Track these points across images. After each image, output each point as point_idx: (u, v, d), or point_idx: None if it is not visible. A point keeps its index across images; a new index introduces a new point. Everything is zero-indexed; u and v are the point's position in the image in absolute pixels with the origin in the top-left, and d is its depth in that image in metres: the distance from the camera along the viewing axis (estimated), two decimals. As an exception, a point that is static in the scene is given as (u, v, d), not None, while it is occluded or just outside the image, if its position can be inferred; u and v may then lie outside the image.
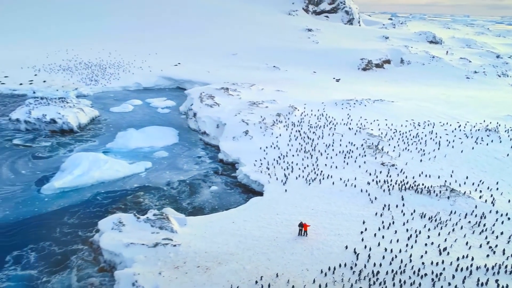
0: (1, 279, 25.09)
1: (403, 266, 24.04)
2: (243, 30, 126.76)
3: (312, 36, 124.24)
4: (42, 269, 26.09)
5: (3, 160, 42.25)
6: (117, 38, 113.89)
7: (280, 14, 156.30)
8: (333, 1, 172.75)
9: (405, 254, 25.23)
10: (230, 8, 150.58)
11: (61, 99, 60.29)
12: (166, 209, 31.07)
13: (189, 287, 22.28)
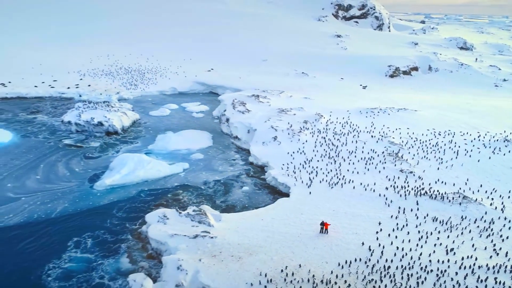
0: (64, 260, 29.72)
1: (412, 262, 27.27)
2: (273, 36, 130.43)
3: (341, 42, 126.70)
4: (98, 253, 30.64)
5: (58, 159, 47.62)
6: (153, 43, 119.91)
7: (310, 20, 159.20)
8: (363, 7, 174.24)
9: (415, 253, 28.40)
10: (261, 15, 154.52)
11: (106, 103, 65.93)
12: (203, 206, 35.31)
13: (224, 272, 26.31)
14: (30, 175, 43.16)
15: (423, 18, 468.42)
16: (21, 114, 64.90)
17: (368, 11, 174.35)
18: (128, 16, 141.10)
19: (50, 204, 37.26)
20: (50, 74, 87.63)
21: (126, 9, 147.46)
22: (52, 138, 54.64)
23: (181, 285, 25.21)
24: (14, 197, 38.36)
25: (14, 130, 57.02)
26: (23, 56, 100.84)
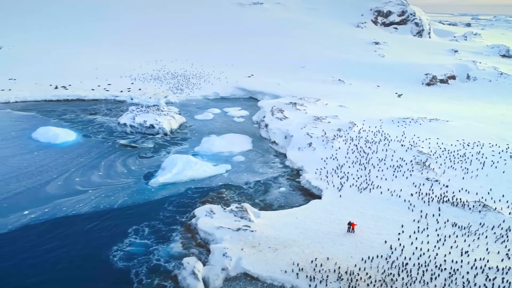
0: (126, 244, 35.11)
1: (428, 261, 30.85)
2: (312, 43, 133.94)
3: (379, 50, 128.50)
4: (153, 240, 35.94)
5: (116, 158, 53.82)
6: (197, 50, 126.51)
7: (348, 27, 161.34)
8: (402, 13, 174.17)
9: (432, 253, 31.92)
10: (302, 21, 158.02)
11: (156, 107, 72.28)
12: (244, 203, 40.09)
13: (262, 260, 30.95)
14: (94, 171, 49.44)
15: (470, 19, 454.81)
16: (81, 115, 72.29)
17: (408, 17, 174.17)
18: (175, 26, 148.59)
19: (112, 197, 43.16)
20: (105, 78, 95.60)
21: (174, 20, 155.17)
22: (110, 138, 61.19)
23: (226, 269, 30.08)
24: (82, 189, 44.58)
25: (77, 130, 64.10)
26: (81, 61, 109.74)
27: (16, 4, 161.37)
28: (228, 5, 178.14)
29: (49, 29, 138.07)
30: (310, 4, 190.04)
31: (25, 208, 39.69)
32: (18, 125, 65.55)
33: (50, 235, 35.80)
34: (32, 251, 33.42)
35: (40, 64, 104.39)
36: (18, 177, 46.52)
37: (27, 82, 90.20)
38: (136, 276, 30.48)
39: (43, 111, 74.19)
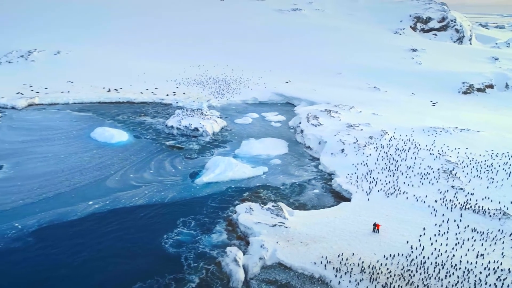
0: (175, 233, 40.22)
1: (445, 260, 34.19)
2: (349, 49, 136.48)
3: (416, 57, 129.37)
4: (199, 231, 40.93)
5: (165, 158, 59.54)
6: (238, 55, 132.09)
7: (386, 33, 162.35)
8: (443, 19, 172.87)
9: (449, 254, 35.18)
10: (340, 27, 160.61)
11: (199, 111, 78.07)
12: (280, 203, 44.54)
13: (295, 253, 35.31)
14: (145, 169, 55.34)
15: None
16: (132, 117, 79.06)
17: (448, 24, 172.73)
18: (217, 33, 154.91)
19: (162, 192, 48.71)
20: (152, 82, 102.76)
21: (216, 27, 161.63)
22: (158, 139, 67.20)
23: (263, 258, 34.67)
24: (136, 185, 50.47)
25: (129, 130, 70.62)
26: (131, 65, 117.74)
27: (73, 14, 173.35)
28: (268, 11, 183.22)
29: (101, 36, 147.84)
30: (349, 10, 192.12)
31: (90, 199, 45.90)
32: (78, 125, 72.93)
33: (111, 222, 41.63)
34: (97, 234, 39.30)
35: (93, 68, 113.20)
36: (82, 172, 53.13)
37: (83, 84, 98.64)
38: (185, 261, 35.60)
39: (98, 112, 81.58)
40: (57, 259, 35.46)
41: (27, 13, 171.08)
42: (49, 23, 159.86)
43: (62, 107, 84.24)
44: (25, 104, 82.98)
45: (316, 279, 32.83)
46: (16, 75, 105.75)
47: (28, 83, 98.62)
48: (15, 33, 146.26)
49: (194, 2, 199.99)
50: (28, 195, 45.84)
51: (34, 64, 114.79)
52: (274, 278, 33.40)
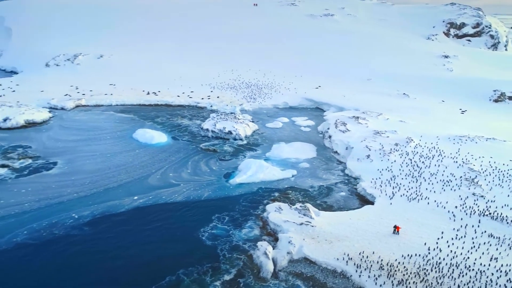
0: (211, 227, 44.33)
1: (459, 262, 36.90)
2: (380, 55, 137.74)
3: (448, 63, 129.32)
4: (232, 226, 44.93)
5: (200, 159, 64.04)
6: (270, 60, 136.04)
7: (418, 39, 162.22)
8: (477, 25, 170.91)
9: (464, 256, 37.83)
10: (371, 33, 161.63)
11: (232, 114, 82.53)
12: (307, 204, 48.07)
13: (319, 249, 38.86)
14: (183, 169, 60.01)
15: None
16: (170, 119, 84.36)
17: (483, 30, 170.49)
18: (248, 38, 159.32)
19: (199, 190, 53.16)
20: (188, 86, 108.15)
21: (247, 33, 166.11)
22: (194, 141, 71.91)
23: (290, 253, 38.42)
24: (175, 183, 55.15)
25: (167, 132, 75.76)
26: (168, 69, 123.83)
27: (115, 20, 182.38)
28: (300, 17, 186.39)
29: (140, 41, 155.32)
30: (381, 15, 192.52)
31: (135, 194, 50.91)
32: (121, 126, 78.75)
33: (154, 216, 46.37)
34: (143, 225, 44.09)
35: (133, 72, 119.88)
36: (126, 169, 58.41)
37: (124, 87, 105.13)
38: (220, 252, 39.77)
39: (139, 114, 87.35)
40: (109, 243, 40.55)
41: (73, 19, 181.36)
42: (93, 28, 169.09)
43: (106, 109, 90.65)
44: (73, 105, 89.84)
45: (338, 274, 36.30)
46: (64, 78, 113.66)
47: (74, 85, 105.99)
48: (62, 38, 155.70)
49: (228, 8, 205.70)
50: (81, 189, 51.39)
51: (79, 67, 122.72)
52: (300, 271, 37.09)
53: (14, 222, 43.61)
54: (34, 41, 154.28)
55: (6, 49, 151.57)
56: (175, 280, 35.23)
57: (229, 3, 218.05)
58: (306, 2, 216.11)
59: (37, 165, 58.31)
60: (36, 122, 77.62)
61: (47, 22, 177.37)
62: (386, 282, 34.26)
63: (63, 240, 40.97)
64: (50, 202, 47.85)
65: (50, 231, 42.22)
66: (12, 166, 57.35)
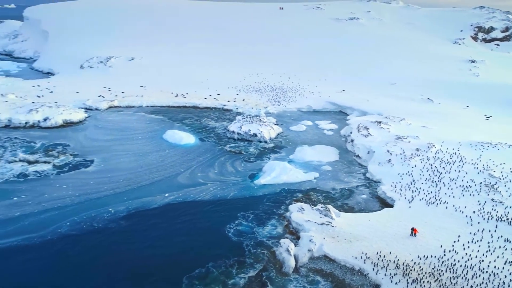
0: (236, 224, 47.07)
1: (474, 264, 38.51)
2: (405, 58, 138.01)
3: (474, 68, 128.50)
4: (256, 224, 47.56)
5: (226, 160, 66.99)
6: (294, 63, 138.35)
7: (445, 43, 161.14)
8: (506, 29, 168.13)
9: (479, 259, 39.39)
10: (397, 37, 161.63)
11: (257, 117, 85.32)
12: (328, 205, 50.32)
13: (339, 248, 41.14)
14: (210, 169, 63.14)
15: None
16: (197, 121, 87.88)
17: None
18: (273, 41, 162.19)
19: (225, 190, 56.13)
20: (215, 88, 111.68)
21: (272, 35, 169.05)
22: (220, 142, 75.02)
23: (311, 250, 40.86)
24: (203, 182, 58.32)
25: (195, 133, 79.19)
26: (195, 72, 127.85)
27: (146, 24, 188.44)
28: (325, 20, 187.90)
29: (169, 45, 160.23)
30: (407, 19, 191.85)
31: (165, 192, 54.30)
32: (151, 127, 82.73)
33: (184, 212, 49.57)
34: (174, 220, 47.35)
35: (162, 74, 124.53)
36: (157, 168, 62.00)
37: (154, 89, 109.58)
38: (246, 247, 42.54)
39: (168, 115, 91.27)
40: (143, 236, 44.03)
41: (106, 23, 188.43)
42: (125, 32, 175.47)
43: (137, 110, 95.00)
44: (106, 106, 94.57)
45: (356, 271, 38.52)
46: (97, 79, 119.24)
47: (107, 86, 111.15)
48: (95, 41, 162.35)
49: (255, 12, 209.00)
50: (116, 186, 55.20)
51: (111, 69, 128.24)
52: (320, 267, 39.49)
53: (58, 215, 47.68)
54: (69, 43, 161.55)
55: (43, 51, 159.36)
56: (205, 272, 38.21)
57: (256, 7, 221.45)
58: (331, 5, 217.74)
59: (76, 163, 62.67)
60: (73, 122, 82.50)
61: (81, 25, 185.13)
62: (401, 280, 36.28)
63: (101, 232, 44.65)
64: (89, 197, 51.85)
65: (90, 224, 46.01)
66: (54, 163, 61.85)
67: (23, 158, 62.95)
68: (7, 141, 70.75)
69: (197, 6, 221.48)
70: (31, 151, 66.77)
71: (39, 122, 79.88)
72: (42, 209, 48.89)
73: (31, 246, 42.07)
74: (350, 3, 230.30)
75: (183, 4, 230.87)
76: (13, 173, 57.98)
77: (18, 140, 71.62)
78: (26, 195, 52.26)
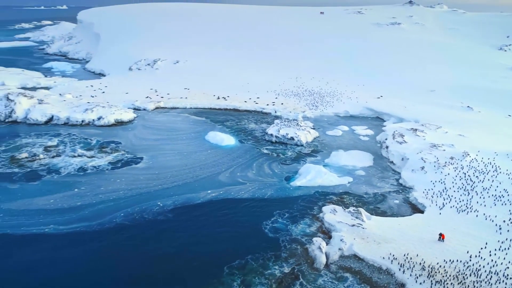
0: (272, 222, 50.69)
1: (499, 271, 40.32)
2: (446, 65, 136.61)
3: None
4: (291, 222, 50.97)
5: (264, 162, 70.76)
6: (333, 69, 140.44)
7: (489, 49, 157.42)
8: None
9: (505, 266, 41.12)
10: (438, 43, 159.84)
11: (295, 121, 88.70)
12: (360, 208, 53.12)
13: (368, 249, 44.00)
14: (249, 169, 67.19)
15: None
16: (238, 123, 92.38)
17: None
18: (314, 45, 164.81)
19: (263, 190, 59.95)
20: (255, 92, 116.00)
21: (313, 40, 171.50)
22: (259, 145, 79.00)
23: (342, 249, 43.98)
24: (242, 181, 62.46)
25: (235, 135, 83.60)
26: (236, 76, 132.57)
27: (190, 28, 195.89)
28: (366, 25, 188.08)
29: (211, 49, 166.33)
30: (451, 24, 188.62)
31: (208, 189, 58.91)
32: (194, 128, 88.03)
33: (224, 208, 53.88)
34: (215, 215, 51.79)
35: (205, 77, 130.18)
36: (201, 167, 66.81)
37: (197, 91, 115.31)
38: (281, 243, 46.23)
39: (210, 117, 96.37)
40: (188, 227, 48.88)
41: (153, 27, 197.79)
42: (171, 36, 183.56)
43: (181, 111, 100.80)
44: (153, 107, 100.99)
45: (383, 270, 41.32)
46: (144, 81, 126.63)
47: (153, 88, 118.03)
48: (143, 44, 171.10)
49: (294, 15, 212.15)
50: (164, 182, 60.39)
51: (158, 71, 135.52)
52: (349, 265, 42.56)
53: (113, 206, 53.29)
54: (118, 46, 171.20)
55: (95, 53, 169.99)
56: (244, 263, 42.24)
57: (296, 11, 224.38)
58: (373, 10, 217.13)
59: (127, 159, 68.62)
60: (123, 121, 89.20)
61: (130, 29, 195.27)
62: (426, 281, 38.77)
63: (151, 222, 49.74)
64: (140, 192, 57.27)
65: (141, 215, 51.24)
66: (108, 159, 68.04)
67: (81, 154, 69.53)
68: (67, 137, 78.18)
69: (241, 10, 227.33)
70: (88, 147, 73.55)
71: (93, 120, 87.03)
72: (99, 200, 54.72)
73: (91, 232, 47.71)
74: (392, 7, 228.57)
75: (227, 9, 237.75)
76: (74, 167, 64.53)
77: (75, 137, 78.85)
78: (85, 187, 58.41)
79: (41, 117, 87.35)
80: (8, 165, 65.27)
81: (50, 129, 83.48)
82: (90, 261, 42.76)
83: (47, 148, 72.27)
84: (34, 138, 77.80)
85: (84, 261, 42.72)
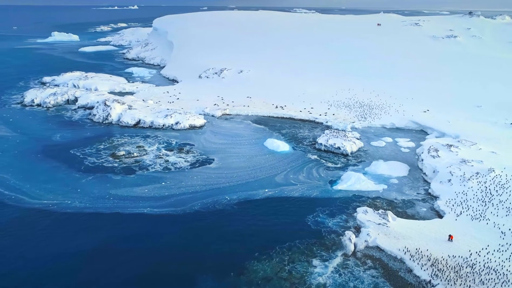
0: (314, 216, 64.31)
1: (491, 266, 51.16)
2: (497, 81, 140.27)
3: None
4: (329, 217, 64.17)
5: (312, 167, 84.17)
6: (384, 81, 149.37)
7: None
8: None
9: (497, 263, 51.75)
10: (494, 56, 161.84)
11: (343, 132, 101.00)
12: (387, 211, 65.19)
13: (388, 243, 56.40)
14: (300, 173, 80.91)
15: None
16: (292, 131, 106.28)
17: None
18: (367, 57, 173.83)
19: (310, 190, 73.46)
20: (309, 102, 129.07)
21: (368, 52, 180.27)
22: (309, 152, 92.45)
23: (367, 241, 56.80)
24: (294, 183, 76.22)
25: (289, 142, 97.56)
26: (294, 86, 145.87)
27: (253, 39, 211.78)
28: (422, 38, 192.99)
29: (272, 61, 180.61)
30: (510, 37, 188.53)
31: (265, 188, 73.58)
32: (255, 134, 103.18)
33: (279, 204, 68.16)
34: (271, 210, 66.26)
35: (265, 87, 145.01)
36: (260, 169, 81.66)
37: (258, 100, 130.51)
38: (322, 233, 59.82)
39: (268, 125, 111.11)
40: (249, 216, 63.86)
41: (221, 37, 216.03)
42: (236, 46, 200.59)
43: (243, 118, 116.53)
44: (220, 114, 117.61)
45: (397, 259, 53.70)
46: (212, 88, 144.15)
47: (220, 95, 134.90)
48: (210, 53, 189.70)
49: (351, 26, 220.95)
50: (230, 180, 75.97)
51: (224, 80, 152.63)
52: (372, 254, 55.35)
53: (192, 197, 69.59)
54: (189, 54, 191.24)
55: (169, 60, 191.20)
56: (293, 245, 56.38)
57: (354, 22, 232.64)
58: (430, 21, 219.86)
59: (201, 160, 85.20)
60: (196, 126, 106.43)
61: (200, 38, 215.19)
62: (429, 268, 50.72)
63: (221, 211, 65.33)
64: (212, 187, 73.21)
65: (213, 206, 66.95)
66: (186, 159, 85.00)
67: (165, 154, 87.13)
68: (154, 138, 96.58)
69: (298, 25, 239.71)
70: (169, 148, 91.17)
71: (172, 125, 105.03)
72: (181, 192, 71.26)
73: (177, 215, 64.10)
74: (452, 18, 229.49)
75: (289, 20, 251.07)
76: (160, 166, 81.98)
77: (159, 139, 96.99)
78: (170, 182, 75.31)
79: (131, 121, 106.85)
80: (111, 160, 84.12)
81: (139, 132, 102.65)
82: (173, 238, 58.97)
83: (138, 147, 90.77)
84: (128, 138, 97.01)
85: (168, 237, 58.98)
